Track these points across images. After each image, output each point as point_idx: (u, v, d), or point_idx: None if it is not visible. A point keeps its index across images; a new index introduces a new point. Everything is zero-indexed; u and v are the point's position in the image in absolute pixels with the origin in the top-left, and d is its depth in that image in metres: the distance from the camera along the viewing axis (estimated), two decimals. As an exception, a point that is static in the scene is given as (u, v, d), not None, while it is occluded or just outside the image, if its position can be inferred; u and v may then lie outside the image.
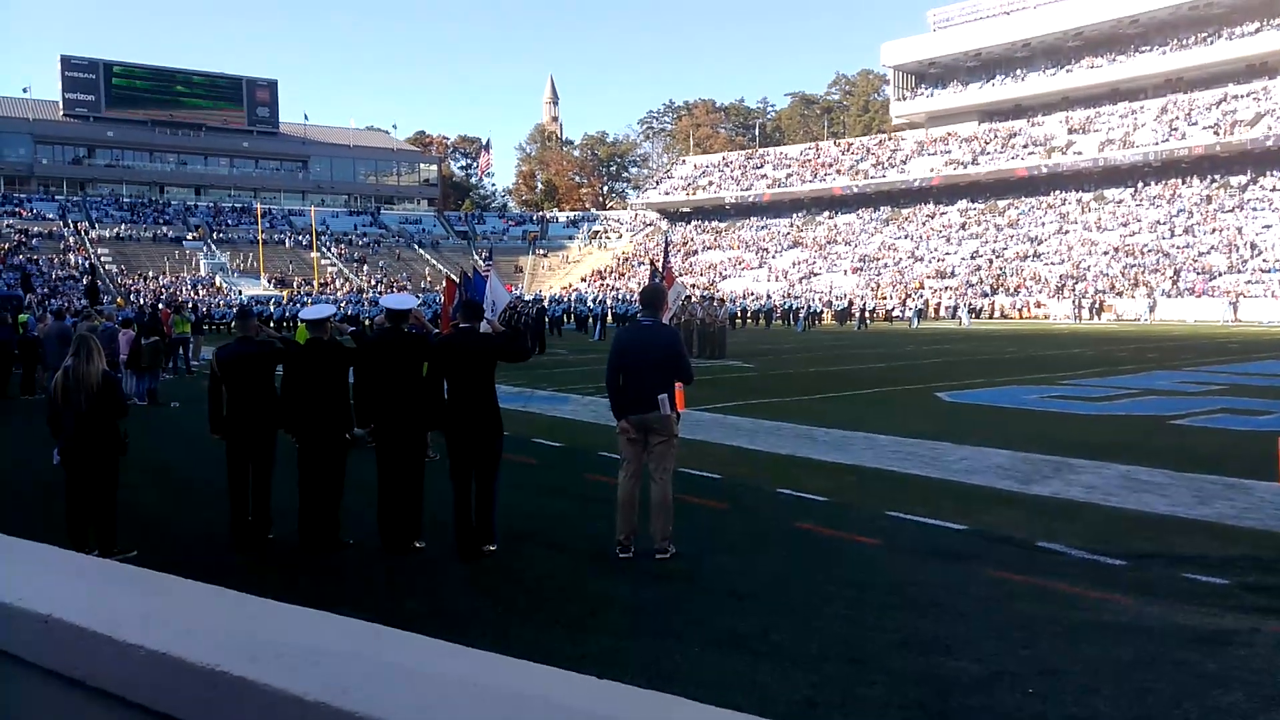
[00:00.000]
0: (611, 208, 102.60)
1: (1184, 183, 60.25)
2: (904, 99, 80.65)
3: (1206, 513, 7.46)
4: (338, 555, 6.63)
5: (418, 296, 32.06)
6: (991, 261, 60.37)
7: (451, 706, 1.21)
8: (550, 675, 1.35)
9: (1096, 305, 49.61)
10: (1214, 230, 53.90)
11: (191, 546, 6.99)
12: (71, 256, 60.88)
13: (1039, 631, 4.90)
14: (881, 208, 74.35)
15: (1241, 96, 61.19)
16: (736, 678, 4.37)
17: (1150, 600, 5.41)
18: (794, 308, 50.62)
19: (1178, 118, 62.83)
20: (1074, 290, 52.15)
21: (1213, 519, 7.27)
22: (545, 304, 41.76)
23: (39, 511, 7.81)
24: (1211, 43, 63.67)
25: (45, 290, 51.08)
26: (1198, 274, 49.91)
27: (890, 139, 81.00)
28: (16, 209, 66.91)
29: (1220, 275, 49.12)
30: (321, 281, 64.48)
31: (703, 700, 1.25)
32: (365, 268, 70.47)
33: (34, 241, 61.83)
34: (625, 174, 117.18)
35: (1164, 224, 56.75)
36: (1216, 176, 59.04)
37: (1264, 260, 49.04)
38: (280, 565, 6.56)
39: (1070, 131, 67.67)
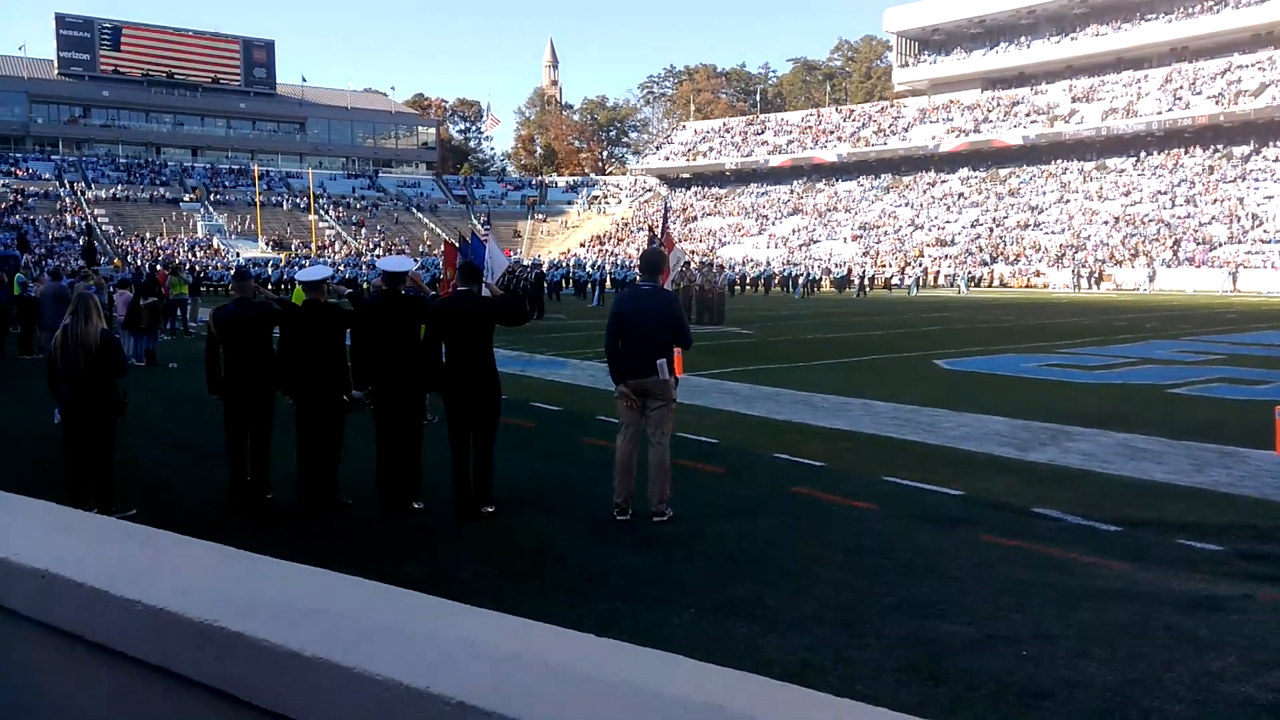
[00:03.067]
0: (611, 173, 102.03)
1: (1186, 152, 59.96)
2: (907, 66, 79.94)
3: (1203, 480, 7.49)
4: (336, 516, 6.65)
5: (416, 260, 31.95)
6: (992, 230, 60.20)
7: (451, 664, 1.21)
8: (548, 633, 1.35)
9: (1096, 275, 49.55)
10: (1215, 200, 53.71)
11: (190, 507, 7.00)
12: (68, 217, 60.58)
13: (1032, 596, 4.93)
14: (882, 175, 73.99)
15: (1246, 66, 60.71)
16: (731, 640, 4.40)
17: (1144, 566, 5.44)
18: (793, 275, 50.52)
19: (1182, 87, 62.39)
20: (1074, 259, 52.05)
21: (1209, 487, 7.30)
22: (544, 269, 41.64)
23: (38, 470, 7.82)
24: (1218, 11, 63.04)
25: (42, 251, 50.85)
26: (1198, 244, 49.80)
27: (892, 106, 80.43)
28: (12, 169, 66.47)
29: (1220, 245, 49.02)
30: (319, 244, 64.24)
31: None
32: (363, 231, 70.17)
33: (30, 201, 61.51)
34: (625, 139, 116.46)
35: (1165, 194, 56.53)
36: (1219, 146, 58.76)
37: (1264, 231, 48.91)
38: (278, 526, 6.57)
39: (1074, 100, 67.21)
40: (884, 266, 57.03)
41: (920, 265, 56.00)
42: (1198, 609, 4.74)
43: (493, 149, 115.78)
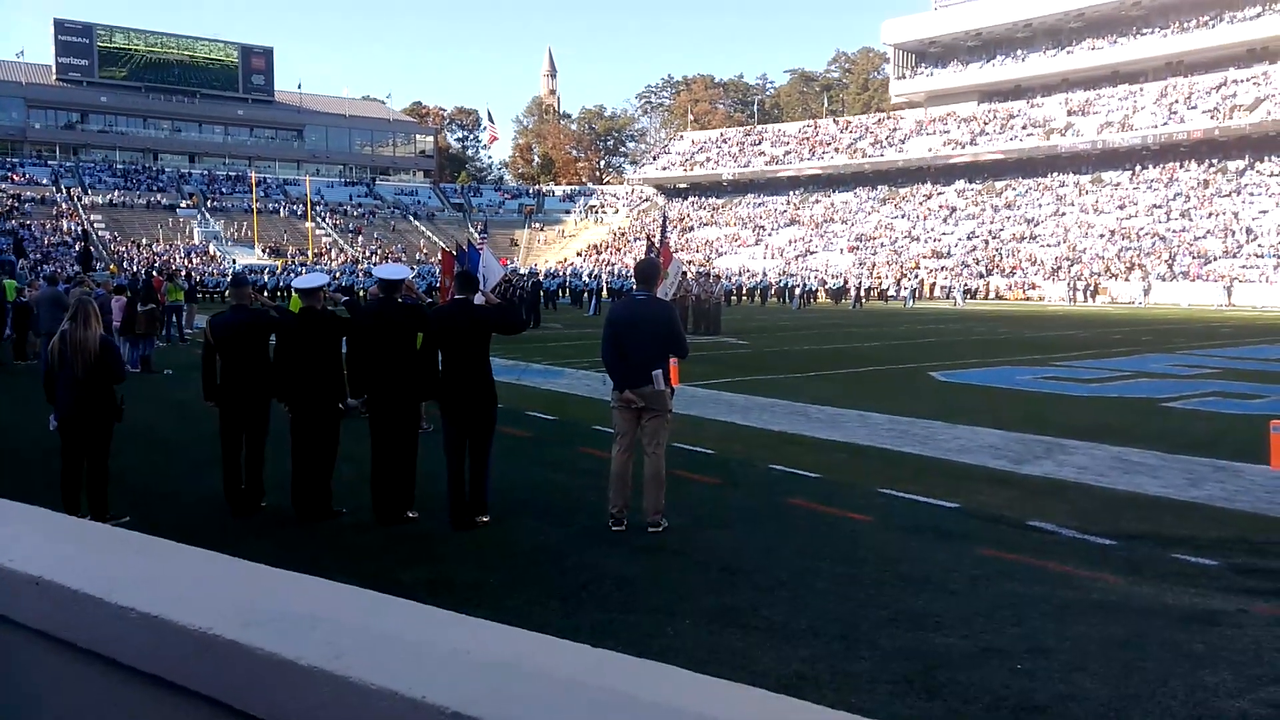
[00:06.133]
0: (608, 182, 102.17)
1: (1182, 166, 60.14)
2: (904, 78, 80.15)
3: (1197, 495, 7.50)
4: (330, 524, 6.64)
5: (413, 268, 31.95)
6: (988, 243, 60.32)
7: (445, 673, 1.21)
8: (544, 643, 1.35)
9: (1091, 288, 49.67)
10: (1210, 214, 53.89)
11: (184, 514, 6.98)
12: (64, 222, 60.47)
13: (1028, 609, 4.93)
14: (879, 187, 74.13)
15: (1241, 81, 60.96)
16: (727, 651, 4.39)
17: (1140, 580, 5.45)
18: (789, 285, 50.55)
19: (1177, 101, 62.63)
20: (1069, 272, 52.17)
21: (1203, 501, 7.30)
22: (540, 278, 41.63)
23: (32, 475, 7.79)
24: (1213, 26, 63.34)
25: (38, 256, 50.76)
26: (1193, 258, 49.95)
27: (889, 118, 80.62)
28: (9, 173, 66.37)
29: (1215, 260, 49.16)
30: (316, 251, 64.21)
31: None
32: (360, 238, 70.16)
33: (26, 206, 61.40)
34: (623, 149, 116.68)
35: (1160, 208, 56.70)
36: (1214, 161, 58.94)
37: (1259, 245, 49.08)
38: (273, 533, 6.56)
39: (1069, 113, 67.43)
40: (880, 278, 57.12)
41: (916, 277, 56.10)
42: (1193, 624, 4.75)
43: (490, 157, 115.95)
